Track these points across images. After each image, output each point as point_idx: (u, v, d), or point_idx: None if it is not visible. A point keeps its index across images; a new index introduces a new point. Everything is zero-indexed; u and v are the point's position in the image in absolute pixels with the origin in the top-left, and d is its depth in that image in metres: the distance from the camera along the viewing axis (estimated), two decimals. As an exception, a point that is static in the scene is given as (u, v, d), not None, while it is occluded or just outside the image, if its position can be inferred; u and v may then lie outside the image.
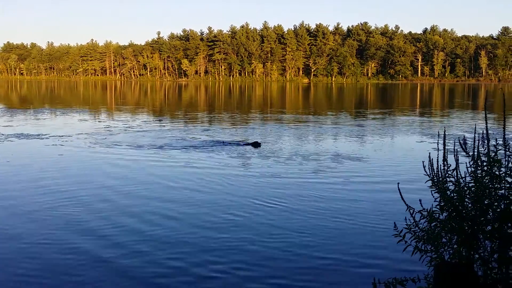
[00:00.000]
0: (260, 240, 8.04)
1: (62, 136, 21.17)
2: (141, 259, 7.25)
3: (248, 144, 18.77)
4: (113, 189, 11.63)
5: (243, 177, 12.85)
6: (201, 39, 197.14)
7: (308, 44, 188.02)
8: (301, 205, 10.10)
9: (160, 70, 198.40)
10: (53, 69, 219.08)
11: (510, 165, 4.01)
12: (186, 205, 10.14)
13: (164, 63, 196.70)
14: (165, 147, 18.05)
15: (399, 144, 19.96)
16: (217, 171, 13.57)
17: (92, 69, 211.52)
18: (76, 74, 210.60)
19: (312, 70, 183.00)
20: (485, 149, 4.09)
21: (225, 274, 6.71)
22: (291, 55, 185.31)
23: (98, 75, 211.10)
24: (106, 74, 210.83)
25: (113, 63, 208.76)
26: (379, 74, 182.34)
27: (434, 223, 4.09)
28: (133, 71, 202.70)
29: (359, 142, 20.22)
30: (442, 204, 4.09)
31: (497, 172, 3.99)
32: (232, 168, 14.13)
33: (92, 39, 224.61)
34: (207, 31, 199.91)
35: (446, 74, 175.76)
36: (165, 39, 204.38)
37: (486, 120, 4.29)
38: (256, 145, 18.47)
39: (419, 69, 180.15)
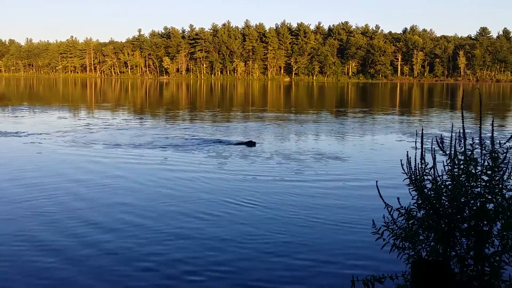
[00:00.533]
0: (237, 241, 7.93)
1: (41, 134, 20.87)
2: (110, 260, 7.07)
3: (242, 143, 18.37)
4: (85, 189, 11.40)
5: (221, 177, 12.72)
6: (183, 37, 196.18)
7: (290, 43, 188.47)
8: (280, 205, 10.04)
9: (141, 68, 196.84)
10: (32, 66, 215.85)
11: (486, 163, 4.08)
12: (158, 206, 9.90)
13: (145, 60, 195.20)
14: (147, 146, 17.89)
15: (379, 143, 20.13)
16: (192, 173, 13.46)
17: (71, 66, 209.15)
18: (55, 71, 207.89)
19: (294, 69, 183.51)
20: (462, 148, 4.16)
21: (201, 276, 6.57)
22: (273, 53, 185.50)
23: (78, 72, 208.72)
24: (86, 71, 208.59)
25: (93, 61, 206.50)
26: (359, 73, 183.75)
27: (412, 221, 4.14)
28: (114, 69, 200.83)
29: (340, 141, 20.37)
30: (420, 202, 4.15)
31: (473, 171, 4.07)
32: (211, 167, 14.03)
33: (72, 36, 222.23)
34: (189, 29, 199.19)
35: (425, 74, 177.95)
36: (146, 37, 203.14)
37: (462, 120, 4.36)
38: (250, 144, 18.06)
39: (399, 69, 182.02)
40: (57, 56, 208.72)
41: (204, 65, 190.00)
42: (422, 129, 4.78)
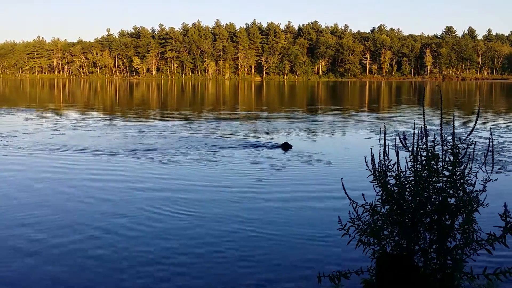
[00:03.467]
0: (191, 247, 7.61)
1: (6, 136, 20.39)
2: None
3: (278, 146, 17.37)
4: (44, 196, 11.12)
5: (167, 187, 12.50)
6: (153, 37, 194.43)
7: (260, 43, 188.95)
8: (243, 204, 9.98)
9: (111, 68, 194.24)
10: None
11: (447, 159, 4.18)
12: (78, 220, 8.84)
13: (115, 60, 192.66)
14: (105, 151, 17.58)
15: (348, 141, 20.36)
16: (145, 183, 13.36)
17: (39, 67, 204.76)
18: (22, 72, 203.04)
19: (264, 68, 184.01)
20: (424, 144, 4.25)
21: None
22: (244, 53, 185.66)
23: (45, 73, 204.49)
24: (54, 72, 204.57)
25: (61, 61, 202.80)
26: (329, 72, 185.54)
27: (376, 216, 4.22)
28: (82, 69, 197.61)
29: (310, 140, 20.50)
30: (384, 198, 4.23)
31: (435, 166, 4.16)
32: (165, 172, 13.95)
33: (39, 36, 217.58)
34: (159, 29, 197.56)
35: (393, 72, 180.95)
36: (115, 36, 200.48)
37: (423, 116, 4.46)
38: (286, 147, 17.02)
39: (368, 68, 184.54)
40: (23, 56, 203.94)
41: (175, 65, 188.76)
42: (385, 127, 4.89)
